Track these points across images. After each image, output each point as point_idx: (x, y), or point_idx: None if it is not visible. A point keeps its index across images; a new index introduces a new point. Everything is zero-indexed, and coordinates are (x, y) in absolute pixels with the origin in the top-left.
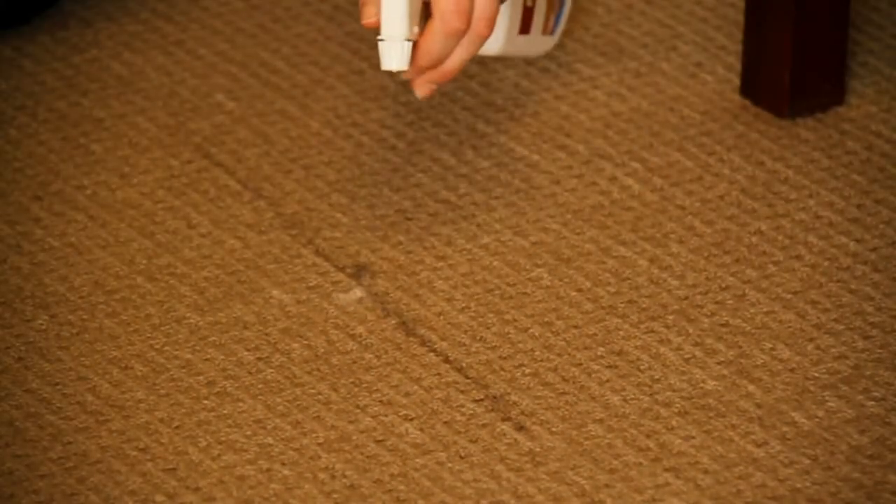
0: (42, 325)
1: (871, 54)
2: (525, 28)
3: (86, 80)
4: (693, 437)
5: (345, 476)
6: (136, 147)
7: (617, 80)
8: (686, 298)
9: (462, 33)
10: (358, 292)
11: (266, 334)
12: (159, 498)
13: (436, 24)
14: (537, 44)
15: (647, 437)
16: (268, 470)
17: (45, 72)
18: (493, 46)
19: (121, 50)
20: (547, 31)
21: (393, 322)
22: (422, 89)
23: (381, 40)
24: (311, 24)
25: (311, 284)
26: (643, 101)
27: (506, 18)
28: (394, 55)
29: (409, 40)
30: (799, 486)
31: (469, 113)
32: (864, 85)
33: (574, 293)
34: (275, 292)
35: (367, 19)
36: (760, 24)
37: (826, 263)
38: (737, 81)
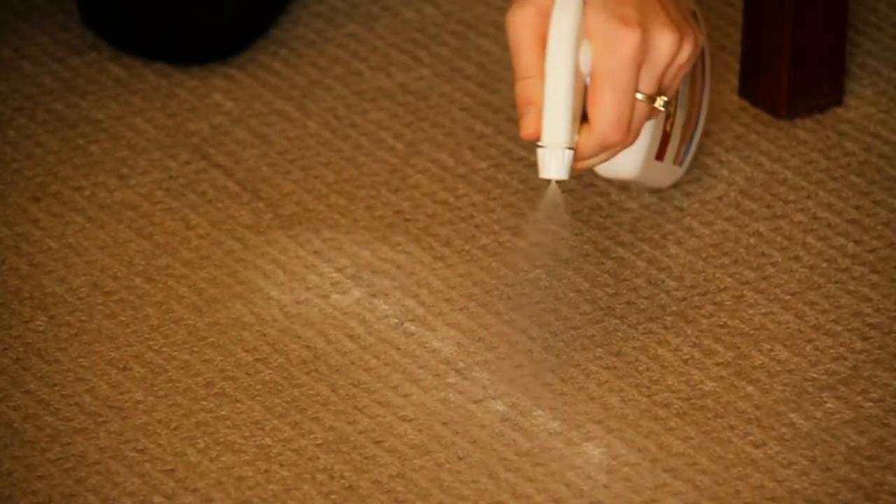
0: (40, 326)
1: (869, 55)
2: (661, 154)
3: (84, 81)
4: (691, 438)
5: (343, 477)
6: (135, 148)
7: None
8: (684, 299)
9: (616, 146)
10: (356, 293)
11: (264, 335)
12: (158, 499)
13: (594, 135)
14: (667, 173)
15: (646, 437)
16: (266, 471)
17: (43, 73)
18: (630, 170)
19: (119, 52)
20: (677, 160)
21: (391, 323)
22: None
23: (541, 147)
24: (308, 26)
25: (309, 285)
26: None
27: (646, 141)
28: (554, 164)
29: (569, 148)
30: (797, 486)
31: (467, 114)
32: (863, 86)
33: (572, 294)
34: (273, 293)
35: (526, 130)
36: (759, 25)
37: (824, 265)
38: (735, 82)
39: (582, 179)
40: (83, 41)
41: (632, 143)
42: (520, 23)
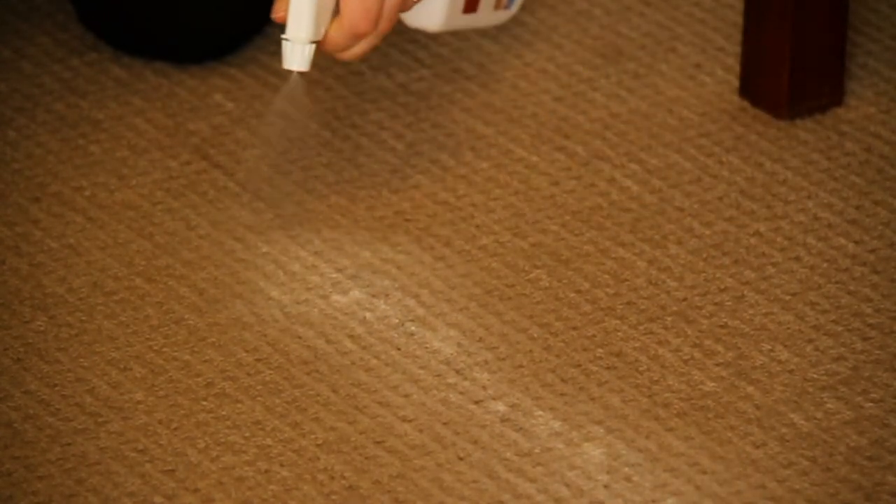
0: (41, 326)
1: (869, 56)
2: (471, 7)
3: (84, 82)
4: (692, 438)
5: (344, 477)
6: (135, 148)
7: (615, 82)
8: (685, 300)
9: (367, 35)
10: (357, 293)
11: (265, 335)
12: (158, 499)
13: (343, 25)
14: (489, 18)
15: (647, 437)
16: (266, 471)
17: (43, 74)
18: (432, 25)
19: (119, 52)
20: (500, 6)
21: (392, 323)
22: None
23: (286, 40)
24: None
25: (309, 285)
26: (642, 103)
27: (445, 1)
28: (296, 57)
29: (313, 42)
30: (797, 487)
31: (467, 114)
32: (863, 86)
33: (573, 294)
34: (274, 293)
35: (277, 14)
36: (759, 26)
37: (824, 265)
38: (735, 83)
39: (582, 180)
40: (83, 41)
41: (387, 30)
42: None
